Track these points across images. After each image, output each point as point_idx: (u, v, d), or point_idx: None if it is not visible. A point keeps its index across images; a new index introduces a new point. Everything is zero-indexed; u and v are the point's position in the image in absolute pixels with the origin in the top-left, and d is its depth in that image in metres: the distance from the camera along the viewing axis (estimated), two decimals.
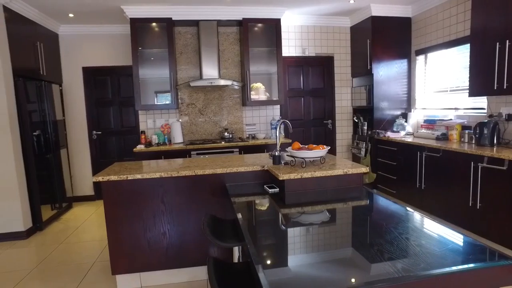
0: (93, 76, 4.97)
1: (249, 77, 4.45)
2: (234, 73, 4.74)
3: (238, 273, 1.58)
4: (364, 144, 4.68)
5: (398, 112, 4.63)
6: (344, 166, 2.31)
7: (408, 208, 1.79)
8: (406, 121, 4.51)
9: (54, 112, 4.45)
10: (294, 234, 1.57)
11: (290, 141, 4.39)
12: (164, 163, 2.84)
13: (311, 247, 1.39)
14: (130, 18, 4.11)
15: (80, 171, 4.99)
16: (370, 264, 1.16)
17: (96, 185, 4.86)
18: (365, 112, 4.76)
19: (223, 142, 4.28)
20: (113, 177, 2.37)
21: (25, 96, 3.76)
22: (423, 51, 4.37)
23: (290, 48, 4.84)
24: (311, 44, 4.89)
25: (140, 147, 4.17)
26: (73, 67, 4.84)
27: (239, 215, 1.80)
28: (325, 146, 2.50)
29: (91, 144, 5.04)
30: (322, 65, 5.00)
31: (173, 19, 4.21)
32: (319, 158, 2.52)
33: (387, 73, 4.53)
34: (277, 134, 2.67)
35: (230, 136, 4.57)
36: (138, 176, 2.40)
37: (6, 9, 3.60)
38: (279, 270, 1.17)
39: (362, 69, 4.72)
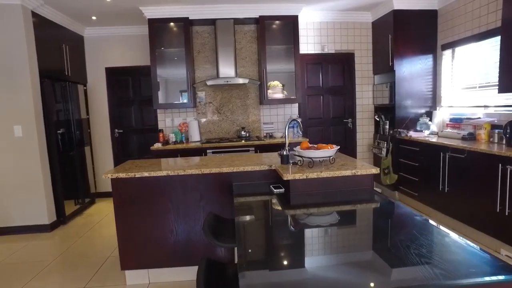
0: (116, 76, 5.13)
1: (265, 75, 4.40)
2: (252, 71, 4.71)
3: (231, 275, 1.55)
4: (385, 144, 4.49)
5: (422, 111, 4.40)
6: (353, 167, 2.21)
7: (417, 213, 1.67)
8: (430, 120, 4.27)
9: (78, 111, 4.65)
10: (291, 236, 1.51)
11: (307, 140, 4.29)
12: (173, 162, 2.87)
13: (304, 251, 1.34)
14: (148, 19, 4.20)
15: (103, 168, 5.17)
16: (370, 271, 1.09)
17: None
18: (387, 111, 4.57)
19: (239, 141, 4.27)
20: (121, 175, 2.42)
21: (50, 96, 3.94)
22: (450, 45, 4.11)
23: (308, 45, 4.73)
24: (330, 41, 4.75)
25: (157, 145, 4.25)
26: (97, 67, 5.03)
27: (238, 214, 1.77)
28: (334, 146, 2.41)
29: (113, 142, 5.22)
30: (342, 62, 4.85)
31: (190, 18, 4.25)
32: (329, 158, 2.43)
33: (410, 69, 4.31)
34: (286, 133, 2.61)
35: (247, 135, 4.54)
36: (146, 174, 2.44)
37: (34, 15, 3.79)
38: (260, 273, 1.13)
39: (384, 66, 4.53)
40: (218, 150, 4.21)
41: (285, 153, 2.51)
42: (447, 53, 4.24)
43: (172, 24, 4.32)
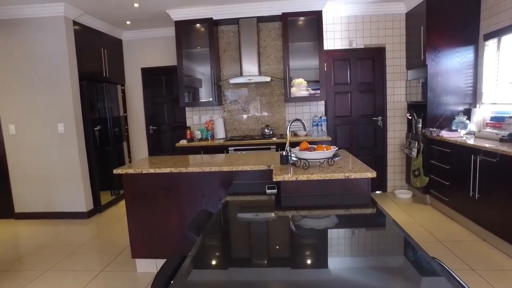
0: (150, 76, 5.45)
1: (289, 72, 4.36)
2: (276, 69, 4.69)
3: None
4: (416, 144, 4.19)
5: (460, 108, 4.02)
6: (349, 170, 2.13)
7: (399, 232, 1.57)
8: (468, 118, 3.88)
9: (116, 109, 5.04)
10: (260, 236, 1.52)
11: (330, 139, 4.18)
12: (181, 159, 2.99)
13: (259, 254, 1.34)
14: (175, 21, 4.39)
15: None
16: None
17: None
18: (420, 108, 4.25)
19: (260, 139, 4.29)
20: (130, 170, 2.61)
21: (88, 96, 4.33)
22: (495, 34, 3.68)
23: (336, 40, 4.57)
24: (359, 35, 4.54)
25: (183, 142, 4.45)
26: (133, 68, 5.39)
27: (221, 212, 1.81)
28: (332, 147, 2.34)
29: (148, 138, 5.57)
30: (371, 58, 4.60)
31: (214, 18, 4.35)
32: (327, 160, 2.36)
33: (446, 63, 3.95)
34: (288, 132, 2.58)
35: (271, 132, 4.55)
36: (151, 171, 2.59)
37: (75, 23, 4.19)
38: (202, 272, 1.16)
39: (416, 60, 4.21)
40: (240, 148, 4.29)
41: (284, 153, 2.49)
42: (490, 44, 3.81)
43: (197, 25, 4.46)
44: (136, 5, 4.02)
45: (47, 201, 4.29)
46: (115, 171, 2.63)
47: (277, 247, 1.40)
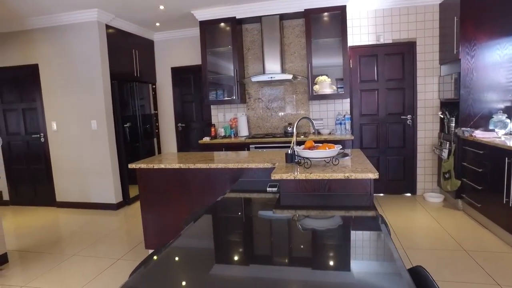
0: (179, 75, 5.65)
1: (311, 70, 4.27)
2: (300, 66, 4.62)
3: None
4: (447, 144, 3.90)
5: (500, 106, 3.66)
6: (351, 170, 2.05)
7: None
8: (509, 117, 3.53)
9: (148, 107, 5.30)
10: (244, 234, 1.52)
11: (352, 138, 4.04)
12: (194, 155, 3.07)
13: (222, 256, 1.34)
14: (199, 21, 4.50)
15: None
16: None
17: None
18: (454, 106, 3.94)
19: (281, 137, 4.27)
20: (143, 165, 2.74)
21: (119, 95, 4.60)
22: None
23: (362, 36, 4.39)
24: (387, 30, 4.31)
25: (206, 139, 4.56)
26: (164, 68, 5.62)
27: (213, 208, 1.84)
28: (335, 146, 2.26)
29: (177, 134, 5.78)
30: (400, 53, 4.36)
31: (236, 17, 4.40)
32: (331, 159, 2.29)
33: (483, 57, 3.62)
34: (294, 131, 2.54)
35: (293, 131, 4.49)
36: (162, 166, 2.69)
37: (108, 27, 4.47)
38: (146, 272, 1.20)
39: (450, 55, 3.91)
40: (260, 146, 4.29)
41: (289, 151, 2.46)
42: None
43: (220, 24, 4.53)
44: (162, 7, 4.18)
45: (83, 192, 4.64)
46: (129, 166, 2.78)
47: (257, 246, 1.40)
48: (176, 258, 1.26)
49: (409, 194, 4.55)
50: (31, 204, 4.93)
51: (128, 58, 4.92)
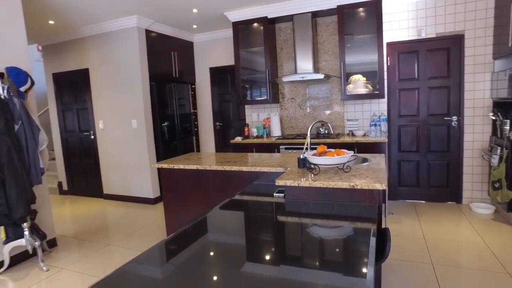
0: (217, 75, 5.79)
1: (344, 68, 4.10)
2: (334, 65, 4.46)
3: None
4: (498, 150, 3.48)
5: None
6: (358, 179, 1.94)
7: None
8: None
9: (187, 107, 5.54)
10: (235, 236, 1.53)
11: (386, 140, 3.80)
12: (216, 156, 3.14)
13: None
14: (232, 22, 4.56)
15: None
16: None
17: None
18: (510, 107, 3.50)
19: (314, 138, 4.16)
20: (165, 165, 2.88)
21: (157, 96, 4.87)
22: None
23: (401, 31, 4.09)
24: (429, 23, 3.96)
25: (237, 139, 4.63)
26: (202, 68, 5.81)
27: (212, 211, 1.88)
28: (347, 152, 2.16)
29: (215, 133, 5.95)
30: (445, 48, 3.97)
31: (268, 17, 4.37)
32: (343, 166, 2.19)
33: None
34: (308, 135, 2.48)
35: (326, 132, 4.37)
36: (181, 166, 2.81)
37: (148, 31, 4.75)
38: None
39: (504, 48, 3.47)
40: (291, 147, 4.24)
41: (301, 156, 2.40)
42: None
43: (252, 24, 4.55)
44: (195, 10, 4.32)
45: (125, 186, 5.02)
46: (153, 165, 2.94)
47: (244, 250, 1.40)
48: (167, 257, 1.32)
49: (453, 203, 4.15)
50: (83, 195, 5.47)
51: (167, 60, 5.17)
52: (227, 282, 1.11)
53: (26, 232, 2.96)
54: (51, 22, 4.44)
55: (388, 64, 4.17)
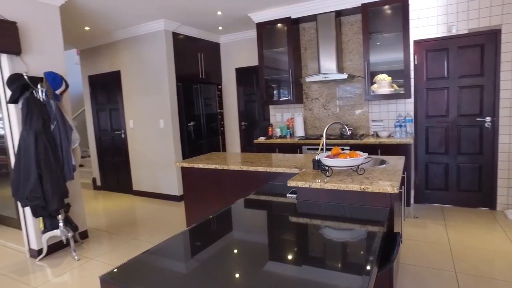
0: (243, 75, 5.87)
1: (368, 68, 4.02)
2: (359, 64, 4.37)
3: None
4: None
5: None
6: (370, 182, 1.92)
7: None
8: None
9: (213, 107, 5.68)
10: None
11: (411, 142, 3.67)
12: (235, 156, 3.21)
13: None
14: (256, 23, 4.61)
15: None
16: None
17: None
18: None
19: (337, 139, 4.11)
20: (185, 164, 2.99)
21: (183, 96, 5.03)
22: None
23: (429, 28, 3.93)
24: (461, 18, 3.77)
25: (261, 139, 4.68)
26: (228, 68, 5.91)
27: (224, 209, 1.95)
28: (361, 154, 2.13)
29: (240, 133, 6.04)
30: (479, 44, 3.75)
31: (292, 17, 4.37)
32: (357, 168, 2.16)
33: None
34: (324, 136, 2.47)
35: (349, 132, 4.31)
36: (201, 166, 2.90)
37: (175, 34, 4.92)
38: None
39: None
40: (313, 147, 4.23)
41: (316, 158, 2.40)
42: None
43: (276, 25, 4.56)
44: (219, 12, 4.42)
45: (153, 183, 5.24)
46: (174, 164, 3.06)
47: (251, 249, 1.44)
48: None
49: (485, 209, 3.93)
50: (115, 191, 5.78)
51: (194, 61, 5.32)
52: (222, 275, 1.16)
53: (61, 224, 3.20)
54: (87, 28, 4.74)
55: (415, 62, 4.03)
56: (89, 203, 5.17)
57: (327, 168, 2.20)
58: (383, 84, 4.02)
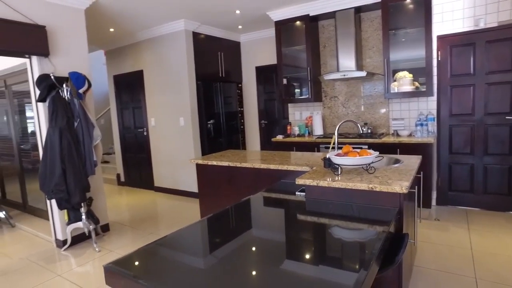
0: (263, 74, 5.88)
1: (388, 65, 3.91)
2: (379, 62, 4.26)
3: None
4: None
5: None
6: (379, 181, 1.88)
7: None
8: None
9: (234, 105, 5.74)
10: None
11: (432, 141, 3.54)
12: (250, 154, 3.23)
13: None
14: (274, 21, 4.61)
15: None
16: None
17: None
18: None
19: (356, 138, 4.04)
20: (199, 161, 3.05)
21: (203, 95, 5.12)
22: None
23: (454, 22, 3.76)
24: (490, 11, 3.57)
25: (279, 137, 4.67)
26: (249, 67, 5.94)
27: (232, 205, 1.98)
28: (372, 153, 2.09)
29: (260, 131, 6.06)
30: (509, 38, 3.54)
31: (310, 15, 4.33)
32: (367, 167, 2.12)
33: None
34: (336, 133, 2.44)
35: (369, 131, 4.22)
36: (214, 163, 2.95)
37: (196, 34, 5.01)
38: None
39: None
40: (330, 146, 4.16)
41: (327, 156, 2.37)
42: None
43: (294, 23, 4.53)
44: (237, 11, 4.45)
45: (173, 180, 5.37)
46: (189, 160, 3.13)
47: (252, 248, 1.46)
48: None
49: None
50: (137, 187, 5.98)
51: (214, 60, 5.40)
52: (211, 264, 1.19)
53: (83, 216, 3.36)
54: (111, 29, 4.93)
55: (439, 59, 3.87)
56: (112, 198, 5.39)
57: (337, 166, 2.18)
58: (404, 81, 3.89)
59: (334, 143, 2.47)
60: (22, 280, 2.87)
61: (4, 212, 4.51)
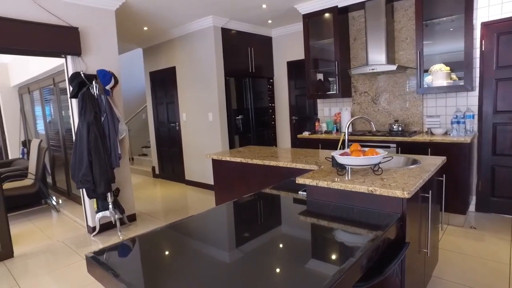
0: (294, 69, 5.76)
1: (421, 58, 3.60)
2: (413, 54, 3.95)
3: None
4: None
5: None
6: (381, 184, 1.74)
7: None
8: None
9: (265, 100, 5.71)
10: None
11: (468, 141, 3.20)
12: (263, 150, 3.18)
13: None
14: (302, 15, 4.47)
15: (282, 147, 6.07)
16: None
17: None
18: None
19: (385, 135, 3.80)
20: (215, 157, 3.07)
21: (231, 91, 5.15)
22: None
23: (504, 5, 3.33)
24: None
25: (305, 134, 4.56)
26: (280, 62, 5.86)
27: (231, 201, 1.97)
28: (379, 152, 1.94)
29: (291, 127, 5.96)
30: None
31: (338, 6, 4.13)
32: (375, 167, 1.98)
33: None
34: (346, 131, 2.31)
35: (399, 129, 3.94)
36: (228, 159, 2.96)
37: (225, 29, 5.05)
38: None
39: None
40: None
41: (331, 154, 2.25)
42: None
43: (323, 15, 4.36)
44: (264, 6, 4.39)
45: (203, 174, 5.50)
46: (206, 155, 3.17)
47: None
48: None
49: None
50: (170, 179, 6.23)
51: (243, 56, 5.40)
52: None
53: (110, 206, 3.58)
54: (145, 28, 5.15)
55: (483, 49, 3.47)
56: (146, 190, 5.67)
57: (343, 166, 2.06)
58: (440, 75, 3.56)
59: (342, 141, 2.34)
60: (54, 260, 3.14)
61: (54, 198, 4.98)
